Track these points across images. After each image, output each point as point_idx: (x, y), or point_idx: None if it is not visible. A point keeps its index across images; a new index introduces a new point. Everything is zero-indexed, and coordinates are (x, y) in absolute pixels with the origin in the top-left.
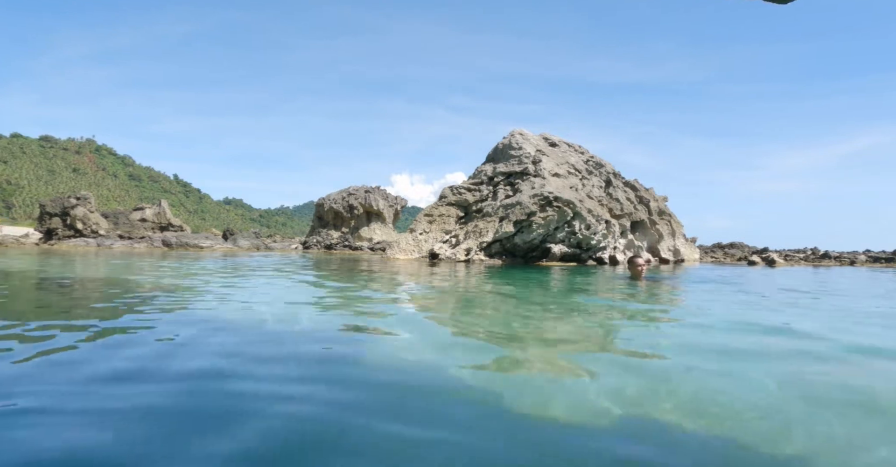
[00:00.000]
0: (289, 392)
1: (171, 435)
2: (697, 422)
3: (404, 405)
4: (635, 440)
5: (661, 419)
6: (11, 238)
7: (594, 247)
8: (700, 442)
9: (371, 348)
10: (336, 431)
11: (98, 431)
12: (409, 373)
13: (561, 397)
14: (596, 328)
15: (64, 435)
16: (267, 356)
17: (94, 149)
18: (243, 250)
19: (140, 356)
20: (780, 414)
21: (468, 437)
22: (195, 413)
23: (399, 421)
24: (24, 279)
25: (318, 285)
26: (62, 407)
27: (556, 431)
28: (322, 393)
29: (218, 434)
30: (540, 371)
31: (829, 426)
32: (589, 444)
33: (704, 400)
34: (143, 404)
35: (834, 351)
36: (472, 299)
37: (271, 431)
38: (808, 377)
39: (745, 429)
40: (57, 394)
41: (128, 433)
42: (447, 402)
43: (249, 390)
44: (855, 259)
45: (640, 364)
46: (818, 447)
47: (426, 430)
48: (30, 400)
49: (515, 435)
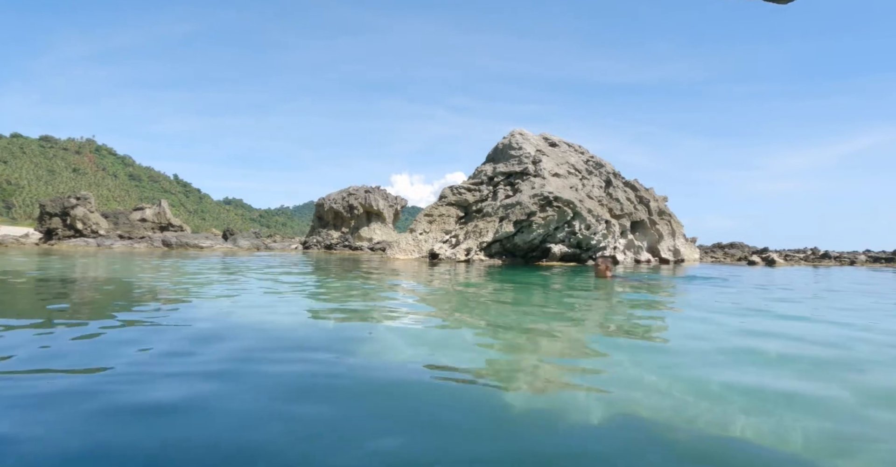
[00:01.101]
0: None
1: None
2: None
3: (394, 409)
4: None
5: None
6: (11, 238)
7: (594, 246)
8: (687, 437)
9: (371, 348)
10: (332, 434)
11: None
12: (400, 374)
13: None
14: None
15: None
16: (258, 357)
17: (94, 149)
18: (243, 250)
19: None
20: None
21: (464, 439)
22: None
23: (387, 423)
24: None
25: (318, 286)
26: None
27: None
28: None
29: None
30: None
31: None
32: (573, 443)
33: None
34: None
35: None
36: (471, 299)
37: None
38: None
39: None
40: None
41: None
42: (436, 403)
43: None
44: (855, 259)
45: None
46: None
47: (419, 432)
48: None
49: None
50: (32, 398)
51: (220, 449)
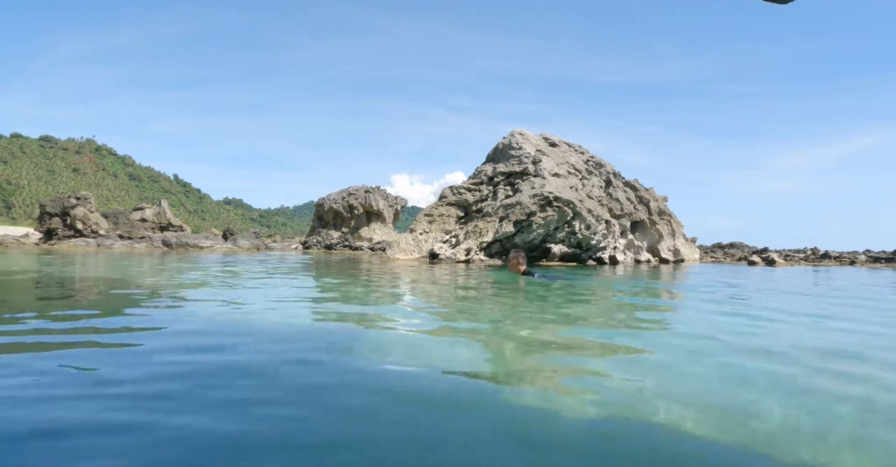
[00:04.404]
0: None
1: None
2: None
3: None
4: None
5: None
6: (11, 238)
7: (594, 247)
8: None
9: (370, 347)
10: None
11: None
12: (400, 379)
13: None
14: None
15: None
16: (253, 359)
17: (94, 150)
18: (243, 250)
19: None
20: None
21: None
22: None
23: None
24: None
25: (317, 285)
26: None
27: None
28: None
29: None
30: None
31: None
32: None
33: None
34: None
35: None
36: (470, 300)
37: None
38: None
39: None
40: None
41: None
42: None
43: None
44: (855, 259)
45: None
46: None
47: (416, 433)
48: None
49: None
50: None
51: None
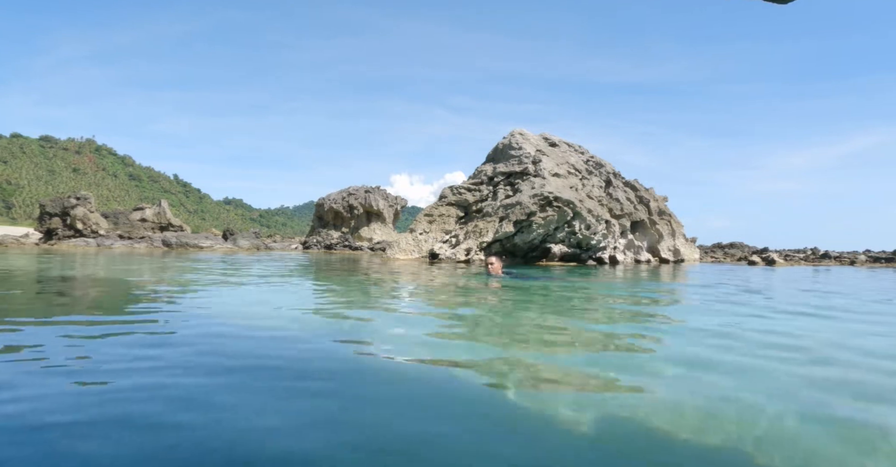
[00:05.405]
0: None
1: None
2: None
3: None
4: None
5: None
6: (11, 238)
7: (594, 247)
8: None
9: (368, 348)
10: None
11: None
12: (400, 378)
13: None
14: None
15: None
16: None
17: (94, 149)
18: (243, 250)
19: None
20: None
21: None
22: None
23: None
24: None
25: (317, 286)
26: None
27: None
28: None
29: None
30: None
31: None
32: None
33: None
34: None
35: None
36: (468, 300)
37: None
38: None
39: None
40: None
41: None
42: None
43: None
44: (855, 259)
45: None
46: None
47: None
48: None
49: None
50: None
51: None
